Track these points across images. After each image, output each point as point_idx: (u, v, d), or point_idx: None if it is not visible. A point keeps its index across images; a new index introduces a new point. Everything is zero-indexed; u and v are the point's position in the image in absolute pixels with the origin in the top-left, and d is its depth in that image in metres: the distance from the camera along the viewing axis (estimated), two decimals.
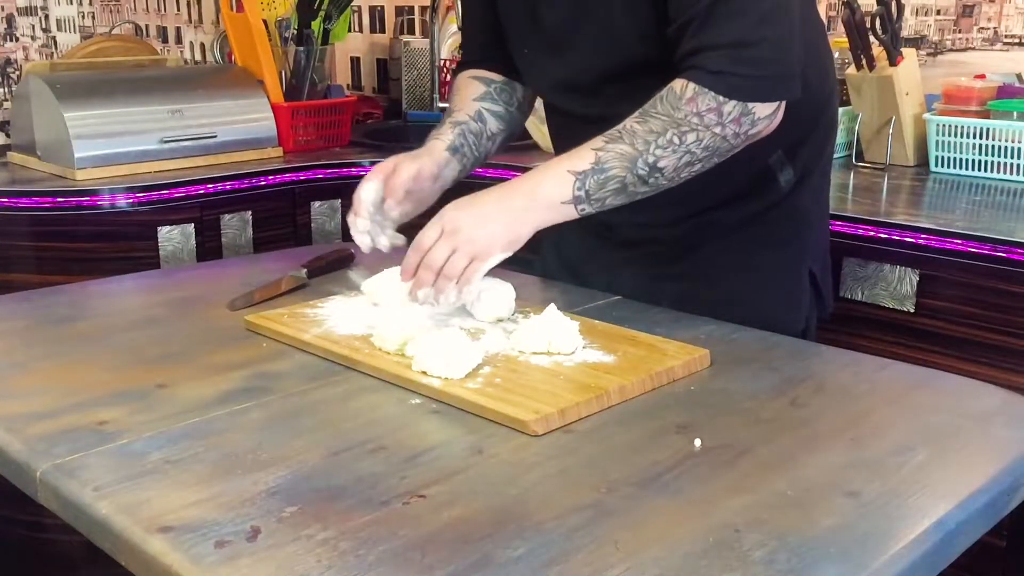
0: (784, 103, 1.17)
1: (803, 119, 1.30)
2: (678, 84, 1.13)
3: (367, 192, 1.27)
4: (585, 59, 1.26)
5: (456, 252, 1.12)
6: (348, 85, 3.29)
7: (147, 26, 3.58)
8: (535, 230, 1.16)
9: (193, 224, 2.16)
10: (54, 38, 3.01)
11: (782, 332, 1.20)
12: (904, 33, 2.18)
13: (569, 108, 1.34)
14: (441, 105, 2.96)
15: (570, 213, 1.15)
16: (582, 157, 1.14)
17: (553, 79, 1.34)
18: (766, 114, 1.15)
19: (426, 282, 1.13)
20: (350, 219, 1.28)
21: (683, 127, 1.12)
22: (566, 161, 1.15)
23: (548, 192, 1.14)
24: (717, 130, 1.13)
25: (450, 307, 1.16)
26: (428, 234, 1.14)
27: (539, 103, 1.51)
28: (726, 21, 1.12)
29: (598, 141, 1.15)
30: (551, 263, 1.50)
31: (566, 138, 1.38)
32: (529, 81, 1.42)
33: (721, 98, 1.12)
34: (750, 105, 1.13)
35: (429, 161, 1.31)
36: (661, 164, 1.13)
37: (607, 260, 1.40)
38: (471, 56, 1.47)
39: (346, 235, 2.37)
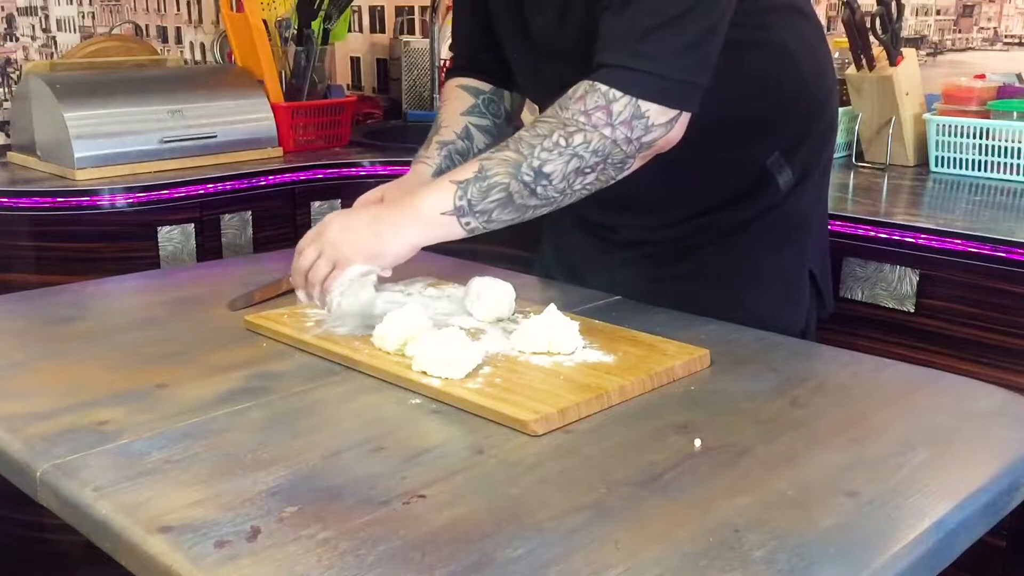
0: (685, 118, 1.11)
1: (801, 120, 1.30)
2: (574, 86, 1.09)
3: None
4: (574, 64, 1.25)
5: (321, 256, 1.10)
6: (348, 85, 3.28)
7: (147, 26, 3.58)
8: (411, 246, 1.10)
9: (193, 224, 2.16)
10: (54, 38, 3.01)
11: (782, 332, 1.20)
12: (904, 33, 2.18)
13: None
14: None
15: (454, 227, 1.09)
16: (467, 167, 1.10)
17: (544, 84, 1.33)
18: (661, 120, 1.08)
19: (299, 285, 1.13)
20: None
21: (569, 127, 1.07)
22: (451, 173, 1.12)
23: (427, 203, 1.09)
24: (607, 132, 1.07)
25: (333, 312, 1.12)
26: (305, 237, 1.14)
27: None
28: (633, 16, 1.07)
29: (487, 151, 1.12)
30: (551, 263, 1.50)
31: None
32: (522, 85, 1.41)
33: (612, 93, 1.06)
34: (643, 107, 1.07)
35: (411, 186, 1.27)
36: (547, 169, 1.07)
37: (607, 261, 1.40)
38: (461, 61, 1.45)
39: None
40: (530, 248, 1.57)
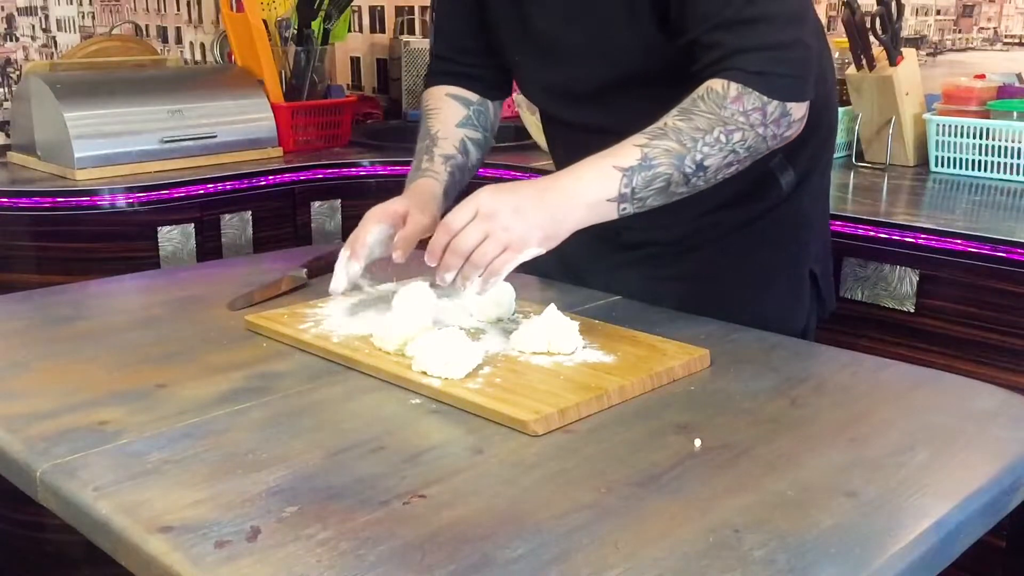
0: (808, 105, 1.17)
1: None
2: (718, 84, 1.11)
3: (373, 236, 1.20)
4: (582, 69, 1.25)
5: (489, 238, 1.05)
6: (348, 85, 3.28)
7: (147, 26, 3.58)
8: (575, 228, 1.10)
9: (193, 224, 2.16)
10: (54, 38, 3.01)
11: (783, 332, 1.20)
12: (904, 33, 2.18)
13: (566, 117, 1.33)
14: None
15: (610, 213, 1.09)
16: (627, 153, 1.09)
17: (548, 87, 1.33)
18: (800, 115, 1.15)
19: (453, 266, 1.07)
20: (343, 259, 1.20)
21: (729, 125, 1.10)
22: (609, 157, 1.09)
23: (592, 188, 1.08)
24: (760, 130, 1.12)
25: (468, 297, 1.11)
26: (460, 215, 1.06)
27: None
28: (759, 25, 1.12)
29: (640, 138, 1.10)
30: (551, 263, 1.50)
31: (564, 147, 1.38)
32: (523, 89, 1.41)
33: (765, 98, 1.11)
34: (788, 105, 1.13)
35: (434, 214, 1.24)
36: (707, 163, 1.11)
37: (608, 261, 1.40)
38: (447, 66, 1.42)
39: (346, 235, 2.37)
40: None
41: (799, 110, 1.15)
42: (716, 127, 1.10)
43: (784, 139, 1.16)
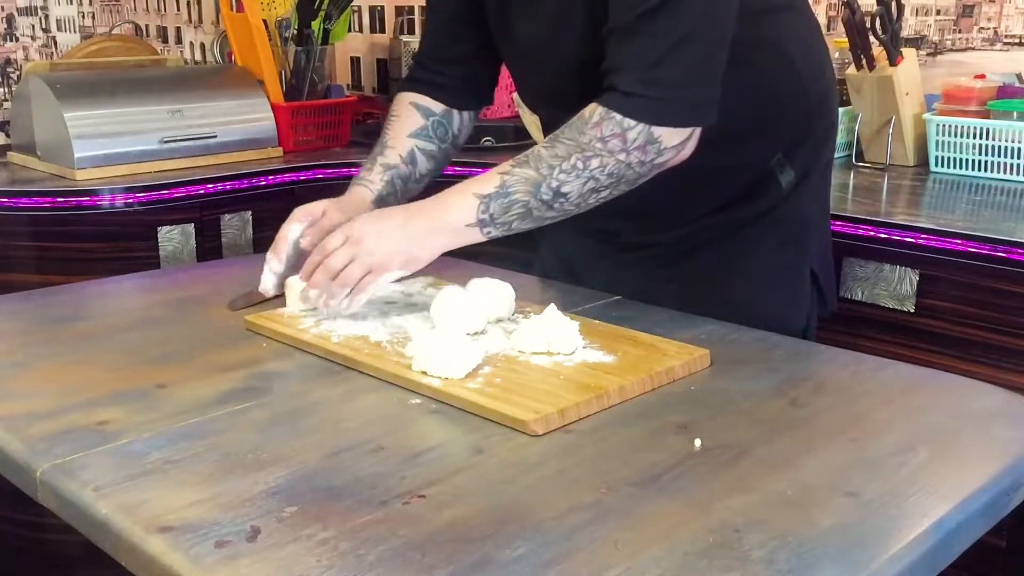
0: (697, 132, 1.14)
1: (801, 120, 1.30)
2: (588, 109, 1.13)
3: (293, 233, 1.29)
4: (562, 73, 1.25)
5: (354, 262, 1.14)
6: (348, 85, 3.28)
7: (147, 26, 3.58)
8: (437, 252, 1.16)
9: (193, 224, 2.16)
10: (54, 38, 3.01)
11: (783, 331, 1.20)
12: (904, 33, 2.18)
13: (555, 121, 1.33)
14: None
15: (475, 236, 1.15)
16: (488, 181, 1.14)
17: (538, 91, 1.34)
18: (673, 143, 1.13)
19: (319, 284, 1.15)
20: (268, 256, 1.30)
21: (587, 152, 1.12)
22: (473, 184, 1.15)
23: (452, 215, 1.15)
24: (621, 156, 1.12)
25: (336, 314, 1.17)
26: (333, 240, 1.16)
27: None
28: (644, 39, 1.10)
29: (506, 165, 1.15)
30: (550, 264, 1.50)
31: None
32: (521, 95, 1.41)
33: (626, 122, 1.10)
34: (655, 131, 1.11)
35: (350, 208, 1.31)
36: (564, 189, 1.13)
37: (608, 262, 1.40)
38: (420, 73, 1.43)
39: None
40: (530, 248, 1.57)
41: (673, 136, 1.12)
42: (574, 154, 1.12)
43: (657, 166, 1.14)
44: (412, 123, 1.40)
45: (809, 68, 1.30)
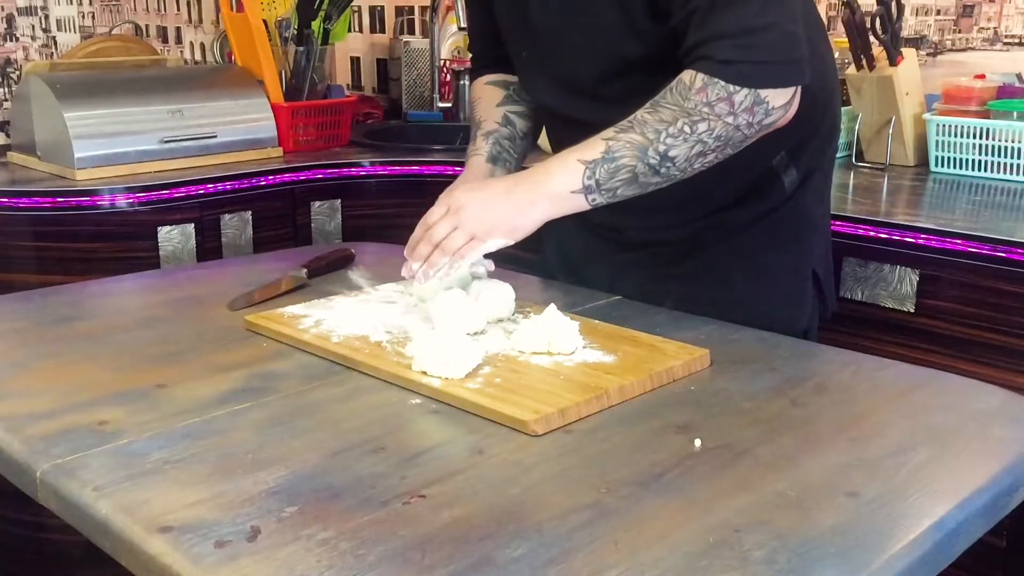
0: (799, 91, 1.16)
1: (805, 120, 1.30)
2: (687, 75, 1.13)
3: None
4: (580, 60, 1.26)
5: (457, 230, 1.14)
6: (348, 85, 3.28)
7: (147, 26, 3.57)
8: (542, 220, 1.16)
9: (193, 224, 2.16)
10: (54, 38, 3.01)
11: (785, 332, 1.20)
12: (904, 33, 2.18)
13: (569, 112, 1.33)
14: (441, 105, 2.96)
15: (581, 203, 1.15)
16: (592, 146, 1.14)
17: (551, 82, 1.33)
18: (780, 103, 1.14)
19: (423, 255, 1.15)
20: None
21: (694, 116, 1.12)
22: (576, 151, 1.15)
23: (557, 182, 1.14)
24: (729, 120, 1.12)
25: (435, 285, 1.16)
26: (435, 211, 1.17)
27: None
28: (730, 9, 1.11)
29: (609, 131, 1.15)
30: (553, 263, 1.50)
31: (568, 144, 1.38)
32: (527, 86, 1.41)
33: (732, 87, 1.11)
34: (762, 93, 1.12)
35: (474, 180, 1.31)
36: (672, 153, 1.13)
37: (610, 261, 1.40)
38: (483, 61, 1.48)
39: (346, 235, 2.37)
40: (530, 248, 1.57)
41: (779, 96, 1.14)
42: (680, 118, 1.12)
43: (766, 127, 1.16)
44: (495, 96, 1.42)
45: (815, 70, 1.30)
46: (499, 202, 1.15)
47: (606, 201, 1.16)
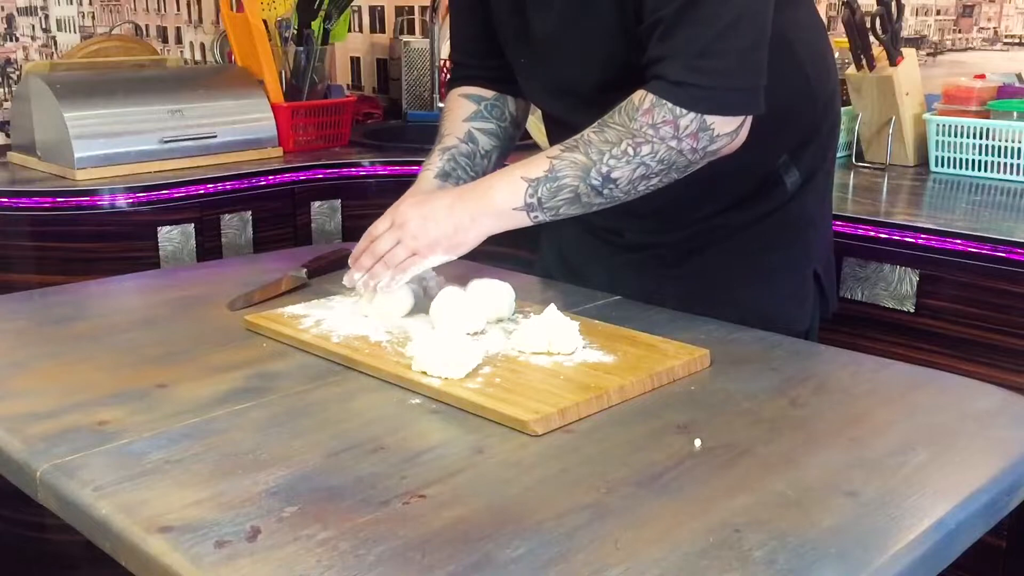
0: (748, 120, 1.14)
1: (807, 122, 1.30)
2: (637, 95, 1.12)
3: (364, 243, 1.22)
4: (580, 68, 1.25)
5: (399, 244, 1.15)
6: (348, 85, 3.29)
7: (147, 26, 3.58)
8: (485, 236, 1.17)
9: (193, 224, 2.16)
10: (54, 38, 3.01)
11: (787, 332, 1.19)
12: (904, 33, 2.18)
13: (568, 119, 1.31)
14: (441, 105, 2.96)
15: (522, 220, 1.15)
16: (536, 164, 1.14)
17: (550, 89, 1.33)
18: (727, 130, 1.12)
19: (364, 266, 1.17)
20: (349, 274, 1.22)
21: (638, 138, 1.11)
22: (520, 168, 1.15)
23: (500, 198, 1.15)
24: (673, 144, 1.11)
25: (379, 299, 1.17)
26: (380, 224, 1.18)
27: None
28: (690, 28, 1.09)
29: (554, 150, 1.15)
30: (552, 264, 1.50)
31: None
32: (526, 91, 1.40)
33: (678, 110, 1.10)
34: (708, 120, 1.11)
35: (420, 195, 1.26)
36: (615, 175, 1.12)
37: (610, 263, 1.40)
38: (462, 71, 1.43)
39: (346, 235, 2.37)
40: (530, 248, 1.57)
41: (726, 124, 1.12)
42: (624, 140, 1.12)
43: (710, 154, 1.14)
44: (464, 110, 1.39)
45: (817, 70, 1.30)
46: (441, 218, 1.15)
47: (548, 219, 1.16)
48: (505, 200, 1.14)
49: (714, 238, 1.32)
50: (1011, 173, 1.94)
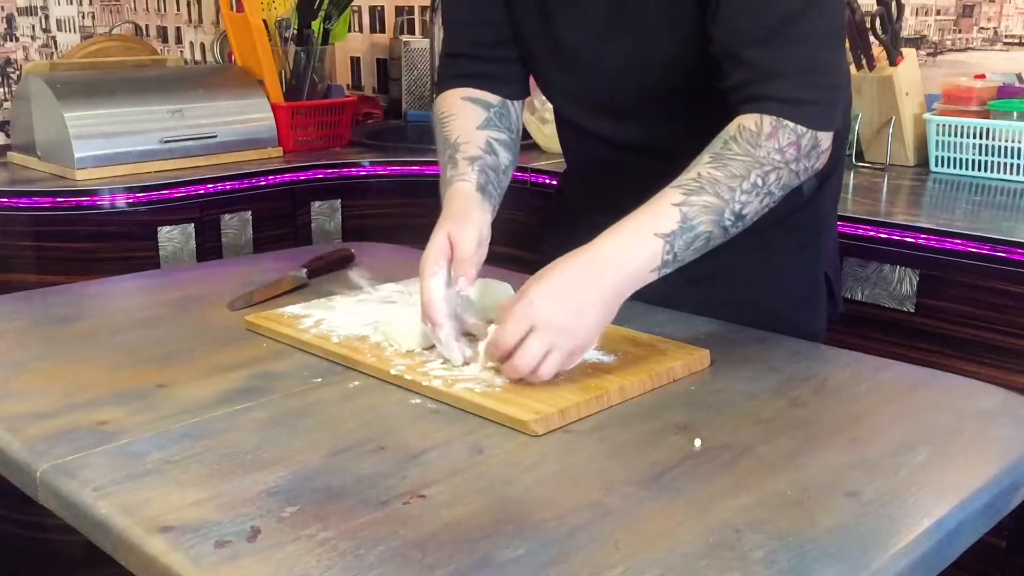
0: (832, 136, 1.11)
1: None
2: (750, 120, 1.05)
3: (436, 291, 1.06)
4: (619, 85, 1.20)
5: (553, 351, 0.97)
6: (348, 85, 3.29)
7: (147, 26, 3.58)
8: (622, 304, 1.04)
9: (193, 224, 2.16)
10: (54, 38, 3.01)
11: (802, 334, 1.18)
12: (904, 33, 2.18)
13: (596, 130, 1.27)
14: None
15: (651, 279, 1.03)
16: (664, 216, 1.01)
17: (579, 100, 1.27)
18: (827, 146, 1.09)
19: (516, 374, 0.98)
20: (431, 329, 1.06)
21: (766, 167, 1.04)
22: (647, 222, 1.01)
23: (639, 262, 1.01)
24: (794, 166, 1.06)
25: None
26: (513, 329, 0.97)
27: (538, 103, 1.49)
28: (793, 46, 1.05)
29: (676, 195, 1.02)
30: None
31: (592, 161, 1.33)
32: (548, 96, 1.33)
33: (800, 129, 1.05)
34: (819, 136, 1.06)
35: (479, 217, 1.12)
36: (746, 211, 1.05)
37: None
38: (462, 68, 1.29)
39: (346, 235, 2.37)
40: (530, 248, 1.57)
41: (827, 140, 1.08)
42: (753, 171, 1.04)
43: (812, 172, 1.10)
44: (476, 116, 1.25)
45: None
46: (591, 305, 0.98)
47: (671, 270, 1.04)
48: (645, 263, 1.01)
49: (728, 242, 1.30)
50: (1011, 173, 1.95)
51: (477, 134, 1.23)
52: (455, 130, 1.24)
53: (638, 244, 1.01)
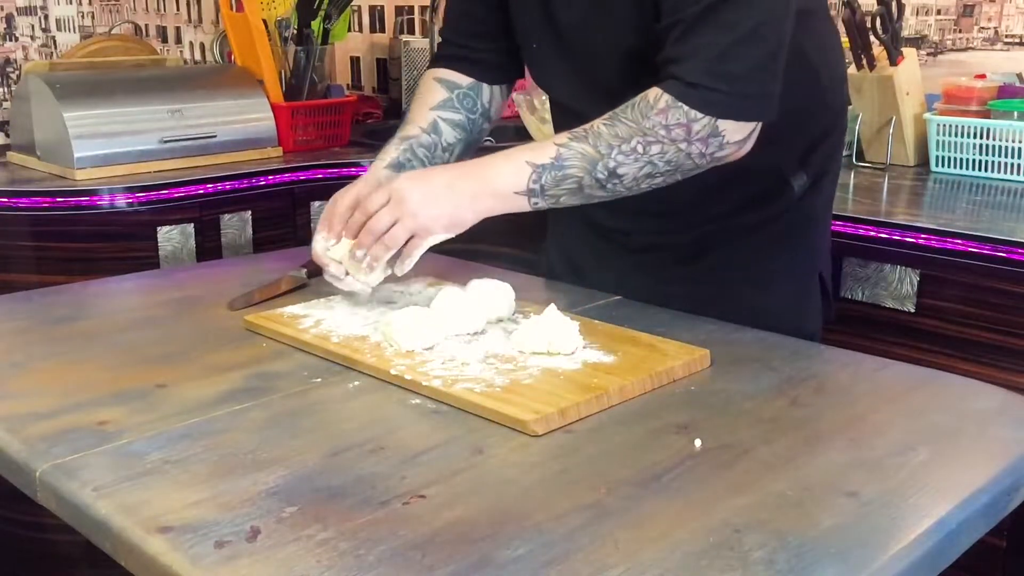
0: (758, 128, 1.13)
1: (818, 126, 1.30)
2: (652, 93, 1.11)
3: (319, 245, 1.20)
4: (601, 58, 1.23)
5: (398, 224, 1.12)
6: (348, 85, 3.29)
7: (147, 26, 3.58)
8: (483, 215, 1.14)
9: (193, 224, 2.16)
10: (54, 38, 3.01)
11: (796, 334, 1.18)
12: (904, 33, 2.18)
13: (583, 110, 1.27)
14: None
15: (522, 204, 1.14)
16: (543, 150, 1.13)
17: (571, 82, 1.30)
18: (737, 138, 1.12)
19: (366, 244, 1.13)
20: (319, 231, 1.20)
21: (648, 137, 1.10)
22: (526, 152, 1.13)
23: (503, 180, 1.13)
24: (683, 146, 1.10)
25: (373, 280, 1.16)
26: (376, 198, 1.14)
27: (538, 103, 1.49)
28: (713, 31, 1.08)
29: (562, 137, 1.13)
30: (557, 266, 1.49)
31: None
32: (540, 80, 1.37)
33: (693, 114, 1.09)
34: (720, 126, 1.10)
35: (363, 185, 1.22)
36: (621, 171, 1.11)
37: (616, 264, 1.39)
38: (449, 49, 1.40)
39: None
40: (530, 248, 1.57)
41: (737, 131, 1.11)
42: (635, 137, 1.10)
43: (718, 159, 1.13)
44: (434, 97, 1.36)
45: (831, 80, 1.30)
46: (442, 196, 1.13)
47: (547, 206, 1.15)
48: (508, 183, 1.13)
49: (720, 240, 1.31)
50: (1011, 173, 1.95)
51: (427, 114, 1.34)
52: (411, 110, 1.36)
53: (508, 165, 1.13)
